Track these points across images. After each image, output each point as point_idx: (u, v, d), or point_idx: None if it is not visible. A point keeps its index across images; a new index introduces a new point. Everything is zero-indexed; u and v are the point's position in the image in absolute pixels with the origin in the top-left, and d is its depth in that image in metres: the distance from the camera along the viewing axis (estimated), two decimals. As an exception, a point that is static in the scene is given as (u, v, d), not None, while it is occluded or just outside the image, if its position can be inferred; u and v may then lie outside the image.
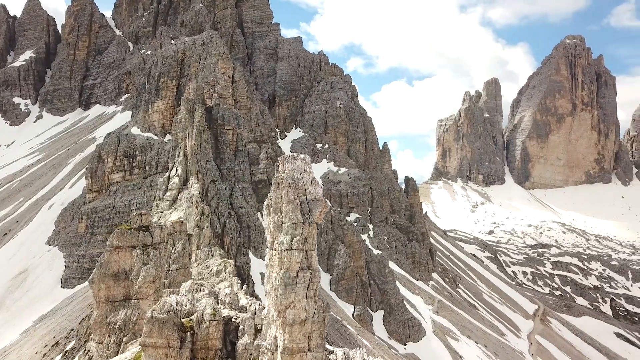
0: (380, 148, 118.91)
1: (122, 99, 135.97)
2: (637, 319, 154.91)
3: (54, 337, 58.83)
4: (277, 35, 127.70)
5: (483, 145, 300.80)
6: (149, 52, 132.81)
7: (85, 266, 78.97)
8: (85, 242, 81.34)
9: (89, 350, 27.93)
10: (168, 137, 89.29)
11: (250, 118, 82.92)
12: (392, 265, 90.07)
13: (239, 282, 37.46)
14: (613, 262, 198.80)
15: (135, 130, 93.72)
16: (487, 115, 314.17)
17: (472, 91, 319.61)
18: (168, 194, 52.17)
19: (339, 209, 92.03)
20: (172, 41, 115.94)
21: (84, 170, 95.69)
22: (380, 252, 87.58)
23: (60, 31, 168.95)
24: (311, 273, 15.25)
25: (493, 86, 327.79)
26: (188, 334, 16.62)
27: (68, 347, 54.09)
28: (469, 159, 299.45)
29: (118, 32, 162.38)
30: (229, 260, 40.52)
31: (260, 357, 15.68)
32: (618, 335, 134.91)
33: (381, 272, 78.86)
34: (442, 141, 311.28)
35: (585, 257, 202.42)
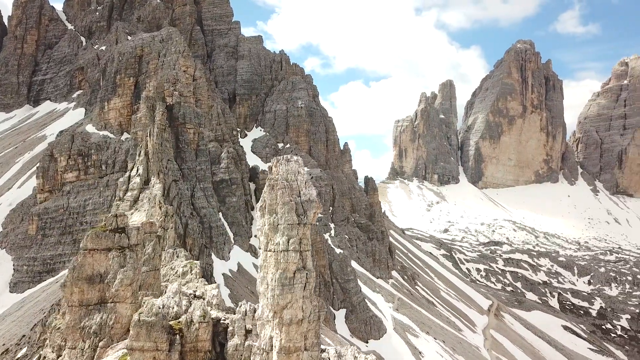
0: (341, 148, 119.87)
1: (75, 95, 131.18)
2: (582, 312, 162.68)
3: (3, 345, 56.30)
4: (238, 34, 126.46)
5: (438, 145, 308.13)
6: (103, 48, 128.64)
7: (36, 269, 75.89)
8: (37, 245, 78.14)
9: (44, 357, 26.92)
10: (125, 135, 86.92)
11: (212, 117, 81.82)
12: (354, 264, 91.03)
13: (206, 283, 37.01)
14: (560, 258, 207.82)
15: (90, 128, 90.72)
16: (442, 116, 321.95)
17: (427, 92, 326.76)
18: (129, 194, 50.83)
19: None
20: (129, 37, 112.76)
21: (34, 169, 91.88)
22: (342, 251, 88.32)
23: (6, 23, 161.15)
24: (307, 273, 15.40)
25: (448, 88, 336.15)
26: (177, 336, 16.39)
27: (19, 355, 51.92)
28: (425, 159, 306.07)
29: (70, 26, 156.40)
30: (195, 262, 39.92)
31: (252, 358, 15.66)
32: (565, 328, 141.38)
33: (343, 270, 79.55)
34: (398, 141, 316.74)
35: (535, 253, 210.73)
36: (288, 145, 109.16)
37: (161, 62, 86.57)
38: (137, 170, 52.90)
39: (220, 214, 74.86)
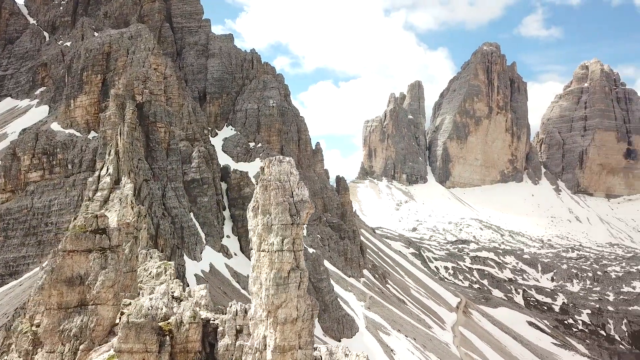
0: (313, 148, 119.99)
1: (37, 92, 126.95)
2: (545, 308, 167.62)
3: (-35, 351, 54.04)
4: (208, 32, 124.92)
5: (407, 145, 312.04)
6: (68, 44, 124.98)
7: (-2, 272, 73.29)
8: (-1, 246, 75.42)
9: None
10: (93, 134, 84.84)
11: (182, 115, 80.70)
12: (326, 263, 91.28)
13: (181, 284, 36.53)
14: (525, 256, 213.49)
15: (55, 126, 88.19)
16: (410, 116, 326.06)
17: (396, 93, 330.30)
18: (98, 194, 49.57)
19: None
20: (96, 33, 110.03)
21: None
22: (314, 250, 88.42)
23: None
24: (301, 273, 15.43)
25: (416, 89, 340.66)
26: (167, 337, 16.14)
27: (-17, 361, 49.93)
28: (394, 159, 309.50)
29: (32, 21, 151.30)
30: (169, 263, 39.36)
31: (243, 357, 15.58)
32: (530, 323, 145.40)
33: (316, 270, 79.65)
34: (368, 141, 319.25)
35: (501, 251, 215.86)
36: (260, 145, 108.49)
37: (130, 59, 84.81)
38: (107, 170, 51.65)
39: (192, 214, 73.97)
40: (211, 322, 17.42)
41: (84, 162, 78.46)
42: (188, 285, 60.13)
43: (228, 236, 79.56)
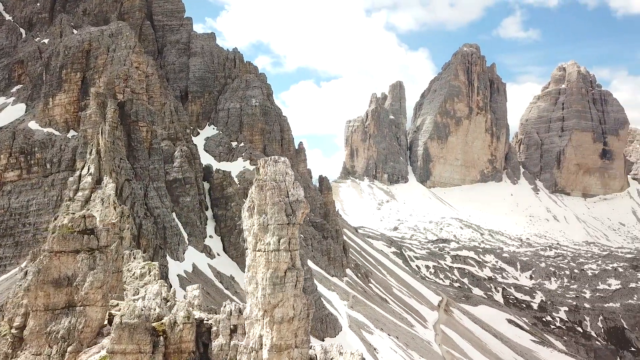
0: (296, 147, 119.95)
1: (14, 90, 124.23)
2: (524, 305, 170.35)
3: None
4: (190, 30, 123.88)
5: (388, 145, 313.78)
6: (46, 41, 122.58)
7: (-26, 274, 71.60)
8: (-25, 248, 73.68)
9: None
10: (72, 132, 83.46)
11: (164, 115, 79.91)
12: (309, 262, 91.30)
13: (166, 285, 36.20)
14: (504, 255, 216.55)
15: (33, 125, 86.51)
16: (392, 117, 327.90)
17: (378, 93, 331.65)
18: (80, 194, 48.86)
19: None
20: (75, 30, 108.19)
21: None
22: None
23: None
24: (297, 272, 15.45)
25: (398, 89, 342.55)
26: (160, 337, 15.99)
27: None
28: (375, 159, 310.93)
29: (8, 17, 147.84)
30: (154, 263, 38.98)
31: (238, 357, 15.55)
32: (509, 321, 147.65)
33: (299, 270, 79.61)
34: (350, 141, 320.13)
35: (480, 250, 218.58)
36: (242, 144, 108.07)
37: (110, 57, 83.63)
38: (89, 169, 50.95)
39: (174, 214, 73.29)
40: (205, 322, 17.35)
41: (63, 161, 77.19)
42: (171, 286, 59.58)
43: (211, 236, 79.04)
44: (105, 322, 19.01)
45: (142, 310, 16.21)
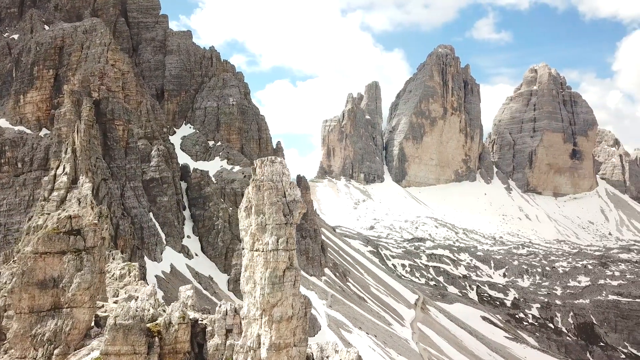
0: (274, 147, 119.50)
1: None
2: (498, 303, 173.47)
3: None
4: (165, 28, 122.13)
5: (364, 145, 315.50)
6: (15, 37, 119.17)
7: (-58, 277, 69.32)
8: (-57, 249, 71.17)
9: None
10: (44, 131, 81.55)
11: (141, 113, 78.66)
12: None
13: (146, 285, 35.63)
14: (478, 253, 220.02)
15: (3, 123, 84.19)
16: (368, 117, 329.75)
17: (354, 93, 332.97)
18: (55, 193, 47.68)
19: (231, 208, 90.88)
20: (46, 26, 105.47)
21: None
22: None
23: None
24: (295, 271, 15.42)
25: (374, 89, 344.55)
26: (156, 338, 15.73)
27: None
28: (352, 159, 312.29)
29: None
30: (134, 264, 38.45)
31: (235, 356, 15.44)
32: (484, 318, 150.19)
33: (278, 270, 79.43)
34: (327, 141, 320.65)
35: (455, 249, 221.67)
36: (219, 143, 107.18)
37: (85, 54, 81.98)
38: (64, 169, 49.77)
39: (151, 214, 72.30)
40: (199, 322, 17.18)
41: (35, 160, 75.31)
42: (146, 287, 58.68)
43: (189, 236, 78.23)
44: (92, 323, 18.64)
45: (137, 311, 15.95)
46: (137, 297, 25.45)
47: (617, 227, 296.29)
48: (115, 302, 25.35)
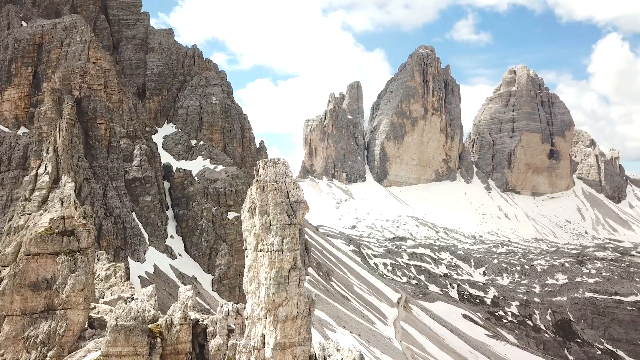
0: (257, 146, 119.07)
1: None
2: (478, 301, 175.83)
3: None
4: (147, 25, 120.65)
5: (346, 145, 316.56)
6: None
7: None
8: None
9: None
10: (23, 129, 79.86)
11: (123, 112, 77.67)
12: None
13: (133, 286, 35.28)
14: (459, 252, 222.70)
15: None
16: (349, 117, 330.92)
17: (336, 93, 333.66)
18: (36, 193, 46.73)
19: (214, 207, 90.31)
20: (24, 23, 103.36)
21: None
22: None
23: None
24: (299, 271, 15.50)
25: (355, 89, 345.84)
26: (157, 339, 15.61)
27: None
28: (334, 158, 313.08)
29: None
30: (119, 264, 38.04)
31: (237, 356, 15.44)
32: (464, 316, 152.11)
33: (262, 269, 79.24)
34: (309, 140, 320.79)
35: (436, 248, 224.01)
36: (202, 143, 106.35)
37: (65, 51, 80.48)
38: (46, 168, 48.83)
39: (134, 214, 71.44)
40: (200, 322, 17.12)
41: (14, 159, 73.62)
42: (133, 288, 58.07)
43: (172, 236, 77.51)
44: (85, 325, 18.42)
45: (138, 312, 15.82)
46: (126, 297, 25.21)
47: (593, 226, 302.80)
48: (105, 303, 25.06)
